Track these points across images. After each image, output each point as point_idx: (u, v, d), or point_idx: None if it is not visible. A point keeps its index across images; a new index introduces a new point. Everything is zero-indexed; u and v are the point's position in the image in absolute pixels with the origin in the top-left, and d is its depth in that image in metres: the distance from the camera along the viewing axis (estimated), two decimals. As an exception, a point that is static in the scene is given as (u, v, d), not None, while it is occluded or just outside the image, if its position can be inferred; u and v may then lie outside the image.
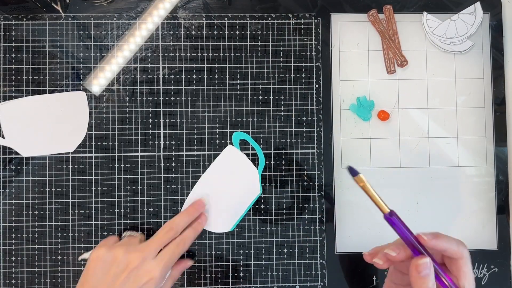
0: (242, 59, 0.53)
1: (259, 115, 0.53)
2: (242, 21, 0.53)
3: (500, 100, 0.54)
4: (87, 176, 0.51)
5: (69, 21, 0.52)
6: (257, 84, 0.53)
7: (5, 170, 0.51)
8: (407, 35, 0.54)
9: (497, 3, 0.54)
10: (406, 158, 0.53)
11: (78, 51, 0.52)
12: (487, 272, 0.52)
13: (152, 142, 0.52)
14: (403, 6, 0.54)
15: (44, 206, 0.51)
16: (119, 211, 0.51)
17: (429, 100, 0.54)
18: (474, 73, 0.54)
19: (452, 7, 0.54)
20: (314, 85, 0.53)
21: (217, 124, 0.52)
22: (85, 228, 0.51)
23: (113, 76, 0.52)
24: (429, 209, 0.53)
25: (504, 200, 0.53)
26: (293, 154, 0.53)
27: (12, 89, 0.52)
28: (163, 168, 0.52)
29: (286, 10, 0.53)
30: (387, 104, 0.54)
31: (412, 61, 0.54)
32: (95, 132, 0.52)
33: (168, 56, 0.53)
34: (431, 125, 0.54)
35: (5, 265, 0.50)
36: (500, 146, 0.53)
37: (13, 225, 0.51)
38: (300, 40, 0.53)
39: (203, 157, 0.52)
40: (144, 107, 0.52)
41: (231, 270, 0.52)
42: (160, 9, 0.53)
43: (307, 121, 0.53)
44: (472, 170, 0.53)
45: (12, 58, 0.52)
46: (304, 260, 0.52)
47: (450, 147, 0.53)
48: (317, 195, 0.53)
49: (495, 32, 0.54)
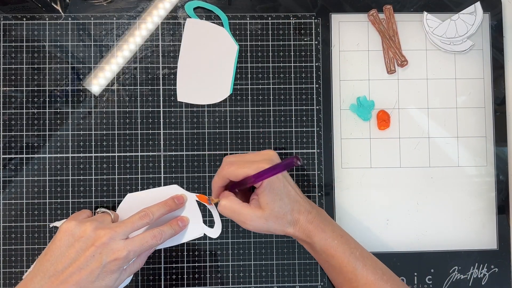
0: (242, 59, 0.53)
1: (259, 115, 0.53)
2: (242, 21, 0.53)
3: (500, 100, 0.54)
4: (87, 176, 0.51)
5: (69, 21, 0.52)
6: (257, 84, 0.53)
7: (5, 170, 0.51)
8: (407, 35, 0.54)
9: (497, 3, 0.54)
10: (406, 158, 0.53)
11: (78, 51, 0.52)
12: (487, 272, 0.52)
13: (152, 142, 0.52)
14: (403, 6, 0.54)
15: (44, 206, 0.51)
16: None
17: (429, 100, 0.54)
18: (474, 73, 0.54)
19: (452, 7, 0.54)
20: (314, 85, 0.53)
21: (217, 124, 0.52)
22: (85, 228, 0.51)
23: (113, 76, 0.52)
24: (429, 209, 0.53)
25: (504, 200, 0.53)
26: (293, 154, 0.53)
27: (12, 89, 0.52)
28: (163, 168, 0.52)
29: (286, 10, 0.53)
30: (387, 104, 0.54)
31: (412, 61, 0.54)
32: (95, 132, 0.52)
33: (168, 56, 0.53)
34: (431, 125, 0.53)
35: (5, 265, 0.50)
36: (500, 146, 0.53)
37: (13, 225, 0.51)
38: (300, 40, 0.53)
39: (203, 157, 0.52)
40: (144, 107, 0.52)
41: (231, 270, 0.52)
42: (160, 9, 0.53)
43: (307, 121, 0.53)
44: (472, 170, 0.53)
45: (12, 58, 0.52)
46: (304, 260, 0.52)
47: (450, 147, 0.53)
48: (317, 195, 0.52)
49: (495, 32, 0.54)
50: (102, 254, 0.41)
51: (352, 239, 0.45)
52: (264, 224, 0.43)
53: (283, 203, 0.43)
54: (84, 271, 0.41)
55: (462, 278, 0.52)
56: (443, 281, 0.52)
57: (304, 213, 0.44)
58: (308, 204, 0.45)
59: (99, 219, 0.45)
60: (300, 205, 0.44)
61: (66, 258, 0.42)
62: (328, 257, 0.44)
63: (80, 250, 0.42)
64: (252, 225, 0.44)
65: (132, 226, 0.44)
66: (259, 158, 0.44)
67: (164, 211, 0.47)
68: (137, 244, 0.43)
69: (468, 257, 0.52)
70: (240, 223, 0.44)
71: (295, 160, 0.37)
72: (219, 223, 0.51)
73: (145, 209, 0.46)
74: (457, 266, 0.52)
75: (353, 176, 0.53)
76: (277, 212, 0.43)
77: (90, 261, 0.41)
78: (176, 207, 0.49)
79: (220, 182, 0.45)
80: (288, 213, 0.44)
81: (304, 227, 0.44)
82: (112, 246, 0.42)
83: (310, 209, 0.45)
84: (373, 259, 0.45)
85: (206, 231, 0.51)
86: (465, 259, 0.52)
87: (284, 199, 0.44)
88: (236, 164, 0.43)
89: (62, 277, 0.41)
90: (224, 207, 0.44)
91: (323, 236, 0.44)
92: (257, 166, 0.42)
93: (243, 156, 0.46)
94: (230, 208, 0.44)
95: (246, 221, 0.44)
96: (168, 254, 0.51)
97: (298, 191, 0.46)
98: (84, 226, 0.43)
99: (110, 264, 0.41)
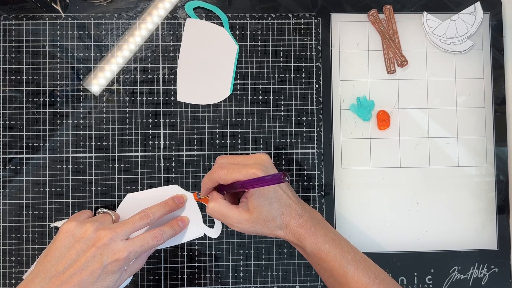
0: (242, 59, 0.53)
1: (259, 115, 0.53)
2: (242, 21, 0.53)
3: (500, 100, 0.54)
4: (87, 176, 0.51)
5: (69, 21, 0.52)
6: (257, 84, 0.53)
7: (5, 170, 0.51)
8: (407, 35, 0.54)
9: (497, 3, 0.54)
10: (406, 158, 0.53)
11: (78, 51, 0.52)
12: (487, 272, 0.52)
13: (152, 142, 0.52)
14: (403, 6, 0.54)
15: (44, 206, 0.51)
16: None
17: (429, 100, 0.54)
18: (474, 73, 0.54)
19: (452, 7, 0.54)
20: (314, 85, 0.53)
21: (217, 124, 0.52)
22: (85, 228, 0.51)
23: (113, 76, 0.52)
24: (429, 209, 0.53)
25: (504, 200, 0.53)
26: (293, 154, 0.53)
27: (12, 89, 0.52)
28: (163, 168, 0.52)
29: (286, 10, 0.53)
30: (387, 104, 0.54)
31: (412, 61, 0.54)
32: (95, 132, 0.52)
33: (168, 56, 0.53)
34: (431, 125, 0.53)
35: (5, 265, 0.50)
36: (500, 146, 0.53)
37: (13, 225, 0.51)
38: (300, 40, 0.53)
39: (203, 157, 0.52)
40: (144, 107, 0.52)
41: (231, 270, 0.52)
42: (160, 9, 0.53)
43: (307, 121, 0.53)
44: (472, 170, 0.53)
45: (12, 58, 0.52)
46: (304, 260, 0.52)
47: (450, 147, 0.53)
48: (317, 195, 0.52)
49: (495, 32, 0.54)
50: (103, 255, 0.41)
51: (346, 242, 0.45)
52: (251, 227, 0.43)
53: (272, 207, 0.43)
54: (85, 272, 0.41)
55: (462, 278, 0.52)
56: (443, 281, 0.52)
57: (295, 217, 0.44)
58: (301, 207, 0.45)
59: (100, 220, 0.45)
60: (292, 209, 0.44)
61: (67, 259, 0.42)
62: (319, 260, 0.44)
63: (81, 251, 0.42)
64: (239, 227, 0.44)
65: (133, 227, 0.44)
66: (250, 161, 0.44)
67: (164, 211, 0.47)
68: (137, 244, 0.43)
69: (468, 257, 0.52)
70: (228, 225, 0.45)
71: (283, 176, 0.38)
72: (219, 223, 0.51)
73: (146, 210, 0.46)
74: (457, 266, 0.52)
75: (353, 176, 0.53)
76: (265, 216, 0.43)
77: (91, 262, 0.41)
78: (176, 207, 0.49)
79: (209, 183, 0.45)
80: (277, 217, 0.43)
81: (294, 231, 0.44)
82: (113, 247, 0.42)
83: (302, 212, 0.44)
84: (366, 263, 0.44)
85: (206, 231, 0.51)
86: (465, 259, 0.52)
87: (273, 204, 0.43)
88: (226, 168, 0.43)
89: (63, 278, 0.41)
90: (212, 209, 0.44)
91: (314, 240, 0.43)
92: (246, 171, 0.42)
93: (234, 158, 0.46)
94: (218, 211, 0.44)
95: (233, 223, 0.44)
96: (168, 254, 0.51)
97: (290, 195, 0.45)
98: (84, 226, 0.43)
99: (111, 265, 0.42)
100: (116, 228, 0.43)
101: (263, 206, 0.43)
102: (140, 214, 0.45)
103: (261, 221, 0.43)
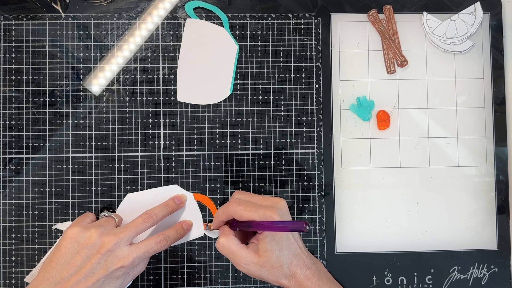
0: (242, 59, 0.53)
1: (259, 115, 0.53)
2: (242, 21, 0.53)
3: (500, 100, 0.54)
4: (87, 176, 0.51)
5: (69, 21, 0.52)
6: (257, 84, 0.53)
7: (5, 170, 0.51)
8: (407, 35, 0.54)
9: (497, 3, 0.54)
10: (406, 158, 0.53)
11: (78, 51, 0.52)
12: (487, 272, 0.52)
13: (152, 142, 0.52)
14: (403, 6, 0.54)
15: (44, 206, 0.51)
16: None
17: (429, 100, 0.54)
18: (474, 73, 0.54)
19: (452, 7, 0.54)
20: (314, 85, 0.53)
21: (217, 124, 0.52)
22: (85, 228, 0.51)
23: (113, 76, 0.52)
24: (429, 209, 0.53)
25: (504, 200, 0.53)
26: (293, 154, 0.53)
27: (12, 89, 0.52)
28: (163, 168, 0.52)
29: (286, 10, 0.53)
30: (387, 104, 0.54)
31: (412, 61, 0.54)
32: (95, 132, 0.52)
33: (168, 56, 0.53)
34: (431, 125, 0.54)
35: (5, 265, 0.50)
36: (500, 146, 0.53)
37: (13, 225, 0.51)
38: (300, 40, 0.53)
39: (203, 157, 0.52)
40: (144, 107, 0.52)
41: (231, 270, 0.52)
42: (160, 9, 0.53)
43: (307, 121, 0.53)
44: (472, 170, 0.53)
45: (12, 58, 0.52)
46: (304, 260, 0.52)
47: (450, 147, 0.53)
48: (317, 195, 0.53)
49: (495, 32, 0.54)
50: (108, 261, 0.42)
51: None
52: (257, 271, 0.43)
53: (282, 254, 0.43)
54: (90, 278, 0.41)
55: (462, 278, 0.52)
56: (443, 281, 0.52)
57: (302, 268, 0.43)
58: (309, 259, 0.44)
59: (104, 224, 0.45)
60: (300, 259, 0.44)
61: (72, 265, 0.42)
62: None
63: (86, 257, 0.42)
64: (246, 268, 0.43)
65: (136, 230, 0.44)
66: (268, 203, 0.44)
67: (166, 212, 0.48)
68: (142, 250, 0.43)
69: (468, 257, 0.52)
70: (234, 264, 0.44)
71: (305, 225, 0.37)
72: None
73: (148, 212, 0.46)
74: (457, 266, 0.52)
75: (353, 176, 0.53)
76: (273, 262, 0.42)
77: (96, 269, 0.41)
78: (177, 208, 0.49)
79: (223, 216, 0.45)
80: (285, 265, 0.43)
81: (300, 282, 0.43)
82: (118, 253, 0.42)
83: (309, 264, 0.44)
84: None
85: (206, 231, 0.51)
86: (465, 259, 0.52)
87: (284, 251, 0.43)
88: (243, 205, 0.43)
89: (68, 285, 0.41)
90: (222, 245, 0.44)
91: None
92: (264, 212, 0.42)
93: (252, 197, 0.46)
94: (228, 248, 0.43)
95: (241, 264, 0.43)
96: (168, 254, 0.51)
97: (301, 245, 0.45)
98: (89, 232, 0.43)
99: (116, 271, 0.42)
100: (120, 233, 0.43)
101: (273, 251, 0.42)
102: (142, 217, 0.45)
103: (268, 266, 0.43)
